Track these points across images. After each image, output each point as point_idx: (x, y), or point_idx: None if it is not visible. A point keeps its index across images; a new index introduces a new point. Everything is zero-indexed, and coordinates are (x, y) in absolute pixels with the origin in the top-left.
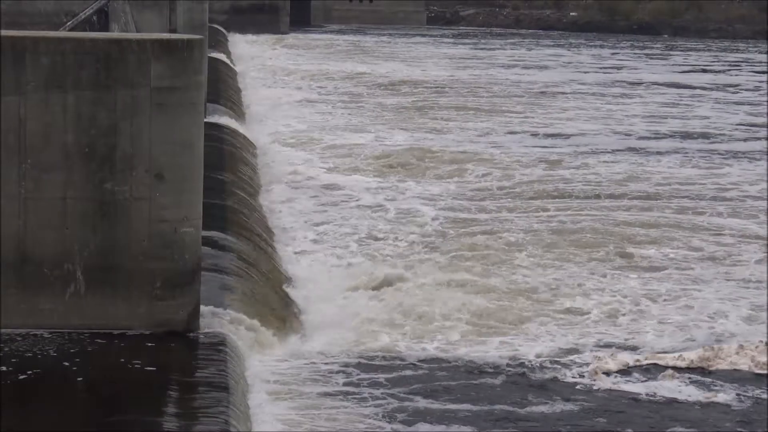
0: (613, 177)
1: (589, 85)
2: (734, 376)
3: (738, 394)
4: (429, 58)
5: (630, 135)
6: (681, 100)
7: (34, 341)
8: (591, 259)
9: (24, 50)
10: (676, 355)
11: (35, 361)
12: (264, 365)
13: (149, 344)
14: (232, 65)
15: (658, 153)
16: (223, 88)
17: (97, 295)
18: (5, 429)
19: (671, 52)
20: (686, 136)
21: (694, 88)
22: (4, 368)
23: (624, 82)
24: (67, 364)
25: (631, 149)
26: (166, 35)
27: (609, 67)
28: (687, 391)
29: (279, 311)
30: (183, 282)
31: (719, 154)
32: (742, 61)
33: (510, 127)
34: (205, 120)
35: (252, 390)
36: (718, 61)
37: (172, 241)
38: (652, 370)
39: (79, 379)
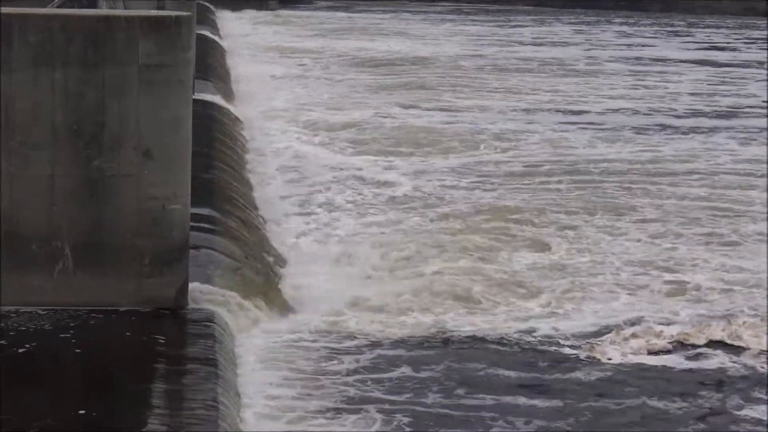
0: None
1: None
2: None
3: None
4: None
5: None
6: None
7: (23, 319)
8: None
9: (11, 27)
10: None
11: (26, 337)
12: (252, 341)
13: (138, 321)
14: (220, 42)
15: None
16: (211, 65)
17: (85, 272)
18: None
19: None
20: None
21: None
22: None
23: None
24: (56, 341)
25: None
26: (154, 12)
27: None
28: None
29: (267, 288)
30: (171, 259)
31: None
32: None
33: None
34: (193, 97)
35: (241, 365)
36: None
37: (161, 218)
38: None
39: (68, 355)
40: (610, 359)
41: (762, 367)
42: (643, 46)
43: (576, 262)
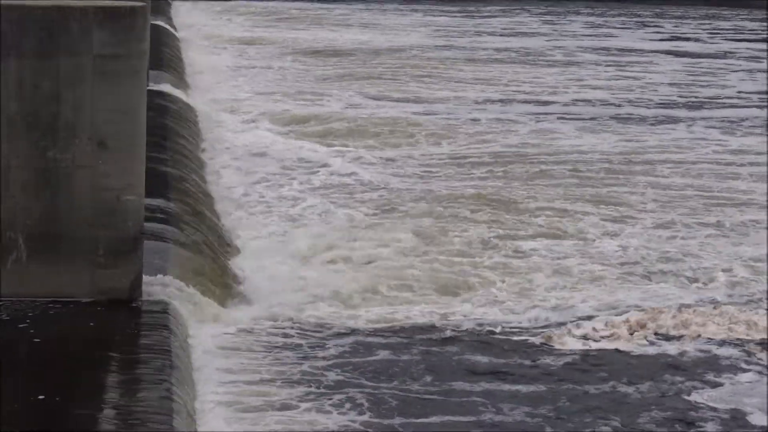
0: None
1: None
2: None
3: None
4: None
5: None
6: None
7: None
8: None
9: None
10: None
11: None
12: (207, 331)
13: (93, 312)
14: (175, 32)
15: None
16: (166, 55)
17: (40, 263)
18: None
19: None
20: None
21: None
22: None
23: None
24: (13, 332)
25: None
26: (109, 2)
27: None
28: None
29: (222, 278)
30: (126, 250)
31: None
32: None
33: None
34: (148, 87)
35: (195, 356)
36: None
37: (115, 209)
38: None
39: (22, 346)
40: (569, 347)
41: (709, 353)
42: (611, 36)
43: (534, 251)
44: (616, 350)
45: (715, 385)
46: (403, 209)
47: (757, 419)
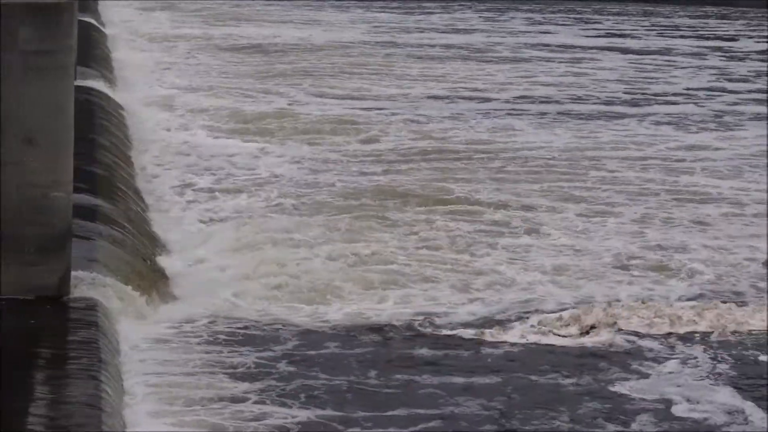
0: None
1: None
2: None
3: None
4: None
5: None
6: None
7: None
8: None
9: None
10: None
11: None
12: (135, 328)
13: (21, 309)
14: (102, 29)
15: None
16: (93, 51)
17: None
18: None
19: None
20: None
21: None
22: None
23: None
24: None
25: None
26: None
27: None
28: None
29: (150, 276)
30: (54, 247)
31: None
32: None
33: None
34: (75, 84)
35: (123, 353)
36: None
37: (43, 206)
38: None
39: None
40: (506, 342)
41: (635, 345)
42: (553, 33)
43: (466, 247)
44: (550, 345)
45: (642, 375)
46: (333, 206)
47: (680, 410)
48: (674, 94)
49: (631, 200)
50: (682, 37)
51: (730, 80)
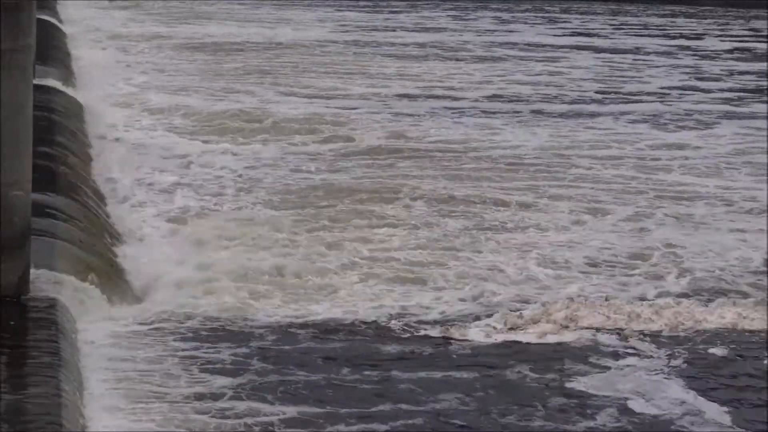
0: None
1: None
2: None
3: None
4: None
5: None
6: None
7: None
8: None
9: None
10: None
11: None
12: (95, 327)
13: None
14: (61, 27)
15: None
16: (52, 50)
17: None
18: None
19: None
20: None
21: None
22: None
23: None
24: None
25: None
26: None
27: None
28: None
29: (110, 273)
30: (13, 246)
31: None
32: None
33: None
34: (35, 82)
35: (84, 352)
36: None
37: (2, 205)
38: None
39: None
40: (470, 340)
41: (594, 341)
42: (522, 32)
43: (428, 244)
44: (515, 341)
45: (600, 370)
46: (294, 203)
47: (635, 405)
48: (648, 93)
49: (610, 198)
50: (649, 36)
51: (701, 79)
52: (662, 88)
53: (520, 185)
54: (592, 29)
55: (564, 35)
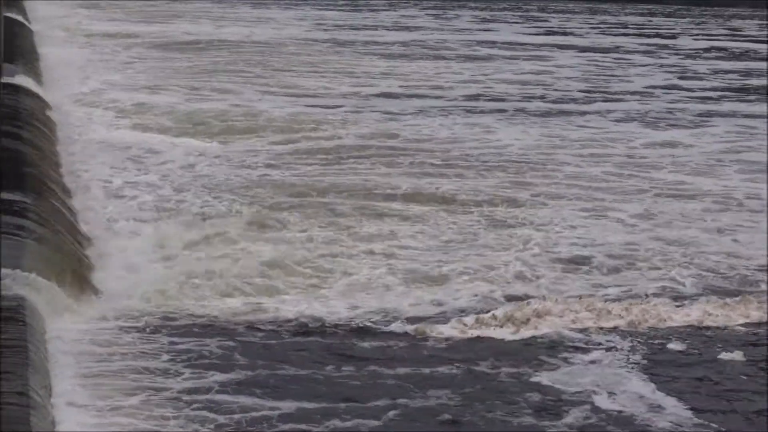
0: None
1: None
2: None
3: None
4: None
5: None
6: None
7: None
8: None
9: None
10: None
11: None
12: (63, 325)
13: None
14: (29, 25)
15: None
16: (19, 48)
17: None
18: None
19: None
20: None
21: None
22: None
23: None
24: None
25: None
26: None
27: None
28: None
29: (79, 272)
30: None
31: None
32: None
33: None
34: (2, 81)
35: (51, 351)
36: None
37: None
38: None
39: None
40: (444, 337)
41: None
42: (501, 31)
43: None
44: (488, 338)
45: (567, 365)
46: (266, 202)
47: (598, 399)
48: (633, 92)
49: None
50: (624, 35)
51: (683, 78)
52: (647, 87)
53: (508, 183)
54: (569, 28)
55: (543, 34)
